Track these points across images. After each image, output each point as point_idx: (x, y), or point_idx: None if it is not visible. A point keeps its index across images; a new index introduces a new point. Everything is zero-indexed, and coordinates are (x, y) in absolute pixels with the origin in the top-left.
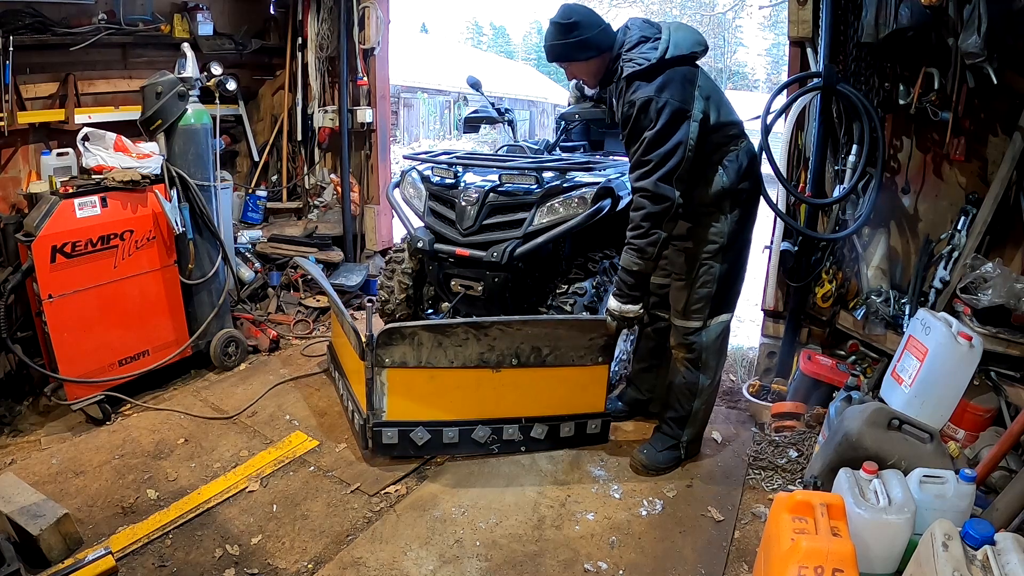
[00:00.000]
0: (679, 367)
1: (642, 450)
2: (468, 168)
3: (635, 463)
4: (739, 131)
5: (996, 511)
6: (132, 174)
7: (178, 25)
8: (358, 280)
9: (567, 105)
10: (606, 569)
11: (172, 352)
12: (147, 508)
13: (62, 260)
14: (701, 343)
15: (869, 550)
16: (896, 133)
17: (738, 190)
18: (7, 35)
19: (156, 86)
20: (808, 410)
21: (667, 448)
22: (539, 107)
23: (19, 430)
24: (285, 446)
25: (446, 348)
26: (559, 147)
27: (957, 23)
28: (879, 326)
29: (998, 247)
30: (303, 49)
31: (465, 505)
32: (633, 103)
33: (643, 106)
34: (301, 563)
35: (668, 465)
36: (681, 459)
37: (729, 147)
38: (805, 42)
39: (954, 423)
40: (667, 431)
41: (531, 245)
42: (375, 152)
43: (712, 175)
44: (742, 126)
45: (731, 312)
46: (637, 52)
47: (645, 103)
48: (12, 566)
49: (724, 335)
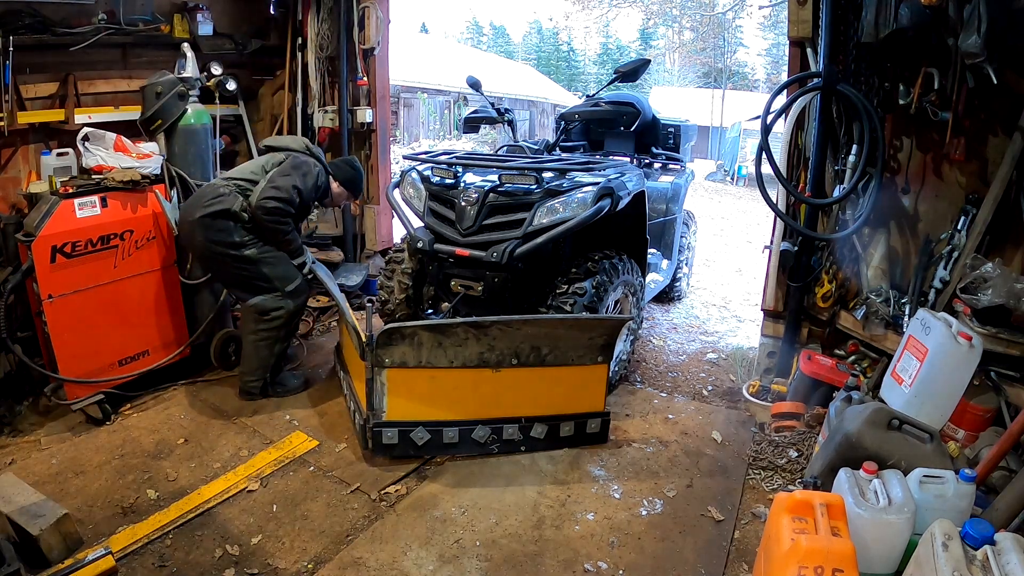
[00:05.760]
0: None
1: None
2: (468, 168)
3: None
4: None
5: (996, 511)
6: (132, 174)
7: (178, 25)
8: (358, 280)
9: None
10: (606, 569)
11: (172, 352)
12: (147, 508)
13: (62, 260)
14: None
15: (869, 550)
16: (896, 133)
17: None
18: (7, 35)
19: (156, 86)
20: (808, 410)
21: None
22: (539, 107)
23: (19, 430)
24: (285, 446)
25: (446, 348)
26: (559, 147)
27: (957, 23)
28: (879, 326)
29: (998, 247)
30: (303, 49)
31: (465, 505)
32: None
33: None
34: (301, 563)
35: None
36: None
37: None
38: (805, 42)
39: (954, 423)
40: None
41: (531, 245)
42: (375, 152)
43: None
44: None
45: None
46: None
47: None
48: (12, 566)
49: None
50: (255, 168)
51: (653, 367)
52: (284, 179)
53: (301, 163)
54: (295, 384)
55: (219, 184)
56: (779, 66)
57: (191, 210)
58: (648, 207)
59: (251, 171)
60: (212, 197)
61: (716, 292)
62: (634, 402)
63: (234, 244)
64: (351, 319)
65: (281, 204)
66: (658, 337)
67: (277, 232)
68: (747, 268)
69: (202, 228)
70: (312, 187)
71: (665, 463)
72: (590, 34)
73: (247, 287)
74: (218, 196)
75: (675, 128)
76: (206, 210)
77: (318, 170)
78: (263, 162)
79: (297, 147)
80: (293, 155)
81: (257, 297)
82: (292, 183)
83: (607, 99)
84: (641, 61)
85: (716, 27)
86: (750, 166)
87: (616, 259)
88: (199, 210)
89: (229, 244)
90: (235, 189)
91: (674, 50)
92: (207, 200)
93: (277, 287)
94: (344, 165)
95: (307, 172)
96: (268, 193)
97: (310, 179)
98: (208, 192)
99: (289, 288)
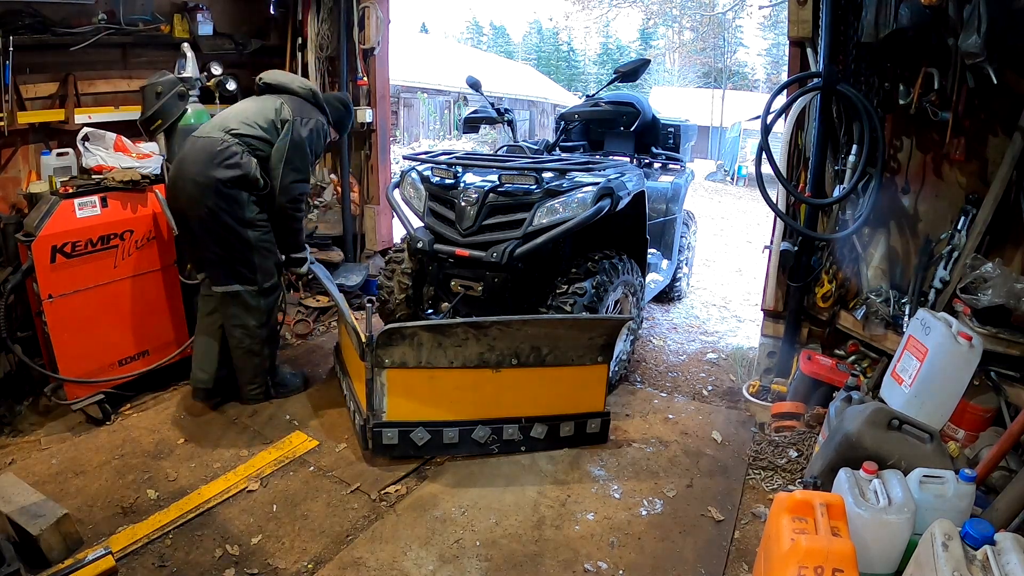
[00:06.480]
0: None
1: None
2: (468, 168)
3: None
4: None
5: (996, 511)
6: (132, 174)
7: (178, 25)
8: (358, 280)
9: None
10: (606, 569)
11: (172, 352)
12: (147, 508)
13: (62, 260)
14: None
15: (869, 550)
16: (896, 133)
17: None
18: (7, 35)
19: (156, 86)
20: (808, 410)
21: None
22: (539, 107)
23: (19, 430)
24: (285, 446)
25: (446, 348)
26: (559, 147)
27: (957, 23)
28: (879, 326)
29: (998, 247)
30: (303, 49)
31: (465, 505)
32: None
33: None
34: (301, 563)
35: None
36: None
37: None
38: (805, 42)
39: (954, 423)
40: None
41: (531, 245)
42: (375, 152)
43: None
44: None
45: None
46: None
47: None
48: (12, 566)
49: None
50: (262, 121)
51: (653, 367)
52: (302, 158)
53: (313, 126)
54: (296, 383)
55: (229, 141)
56: (779, 66)
57: (201, 168)
58: (648, 207)
59: (257, 124)
60: (227, 157)
61: (716, 292)
62: (634, 402)
63: (242, 221)
64: (351, 319)
65: (305, 187)
66: (658, 337)
67: (295, 220)
68: (747, 268)
69: (214, 194)
70: (321, 148)
71: (665, 463)
72: (590, 34)
73: (230, 271)
74: (232, 156)
75: (675, 128)
76: (225, 173)
77: (326, 129)
78: (268, 113)
79: (302, 91)
80: (300, 103)
81: (234, 285)
82: (308, 160)
83: (607, 99)
84: (641, 61)
85: (716, 27)
86: (750, 166)
87: (616, 259)
88: (215, 170)
89: (237, 219)
90: (246, 149)
91: (674, 50)
92: (222, 160)
93: (258, 280)
94: (337, 104)
95: (318, 133)
96: (291, 177)
97: (320, 142)
98: (216, 148)
99: (267, 284)
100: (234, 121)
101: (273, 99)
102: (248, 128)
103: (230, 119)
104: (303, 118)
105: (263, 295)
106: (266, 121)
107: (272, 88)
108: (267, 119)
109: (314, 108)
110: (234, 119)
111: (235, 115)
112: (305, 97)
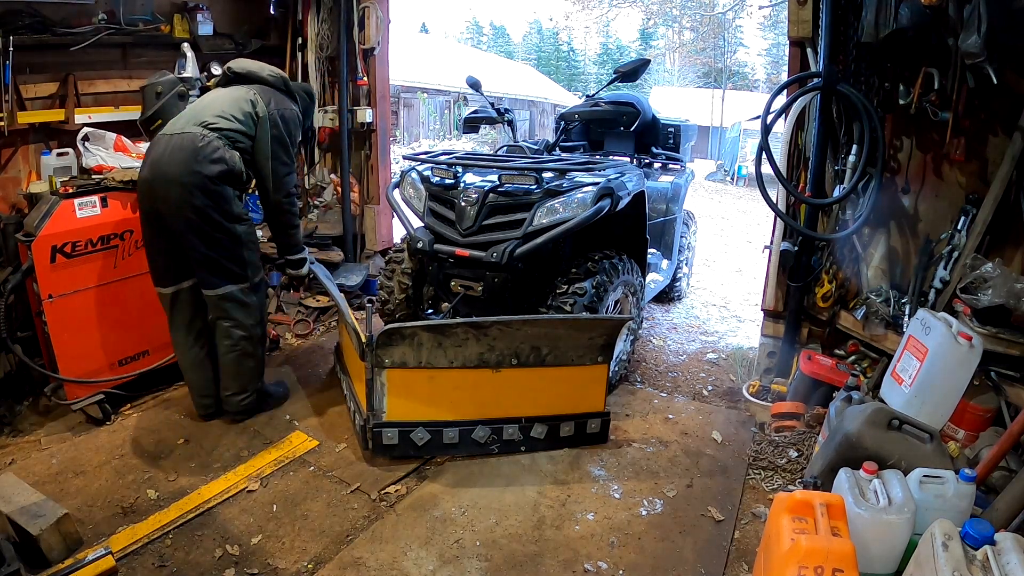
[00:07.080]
0: None
1: None
2: (468, 168)
3: None
4: None
5: (996, 511)
6: (132, 174)
7: (178, 25)
8: (358, 280)
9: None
10: (606, 569)
11: (172, 352)
12: (147, 508)
13: (62, 260)
14: None
15: (869, 550)
16: (896, 133)
17: None
18: (7, 35)
19: (156, 86)
20: (808, 410)
21: None
22: (539, 107)
23: (19, 430)
24: (285, 446)
25: (446, 348)
26: (559, 147)
27: (957, 23)
28: (879, 326)
29: (998, 247)
30: (303, 49)
31: (465, 505)
32: None
33: None
34: (301, 563)
35: None
36: None
37: None
38: (805, 42)
39: (954, 423)
40: None
41: (531, 245)
42: (375, 152)
43: None
44: None
45: None
46: None
47: None
48: (12, 566)
49: None
50: (238, 113)
51: (653, 367)
52: (286, 150)
53: (289, 115)
54: (282, 392)
55: (209, 136)
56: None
57: (184, 167)
58: (648, 207)
59: (234, 116)
60: (211, 152)
61: (716, 292)
62: (634, 402)
63: (230, 216)
64: (351, 319)
65: (294, 178)
66: (658, 337)
67: (290, 214)
68: (747, 268)
69: (202, 192)
70: (298, 136)
71: (665, 463)
72: (590, 34)
73: (219, 270)
74: (215, 151)
75: (675, 128)
76: (211, 169)
77: (299, 116)
78: (243, 104)
79: (273, 79)
80: (272, 93)
81: (227, 286)
82: (292, 150)
83: (607, 99)
84: (641, 61)
85: (716, 27)
86: (750, 166)
87: (616, 259)
88: (200, 166)
89: (226, 215)
90: (227, 143)
91: (674, 50)
92: (206, 156)
93: (249, 275)
94: (303, 94)
95: (294, 122)
96: (282, 171)
97: (297, 130)
98: (197, 143)
99: (256, 279)
100: (208, 115)
101: (244, 89)
102: (225, 121)
103: (203, 113)
104: (279, 109)
105: (254, 291)
106: (242, 113)
107: (242, 78)
108: (243, 111)
109: (286, 96)
110: (208, 112)
111: (208, 108)
112: (276, 86)
